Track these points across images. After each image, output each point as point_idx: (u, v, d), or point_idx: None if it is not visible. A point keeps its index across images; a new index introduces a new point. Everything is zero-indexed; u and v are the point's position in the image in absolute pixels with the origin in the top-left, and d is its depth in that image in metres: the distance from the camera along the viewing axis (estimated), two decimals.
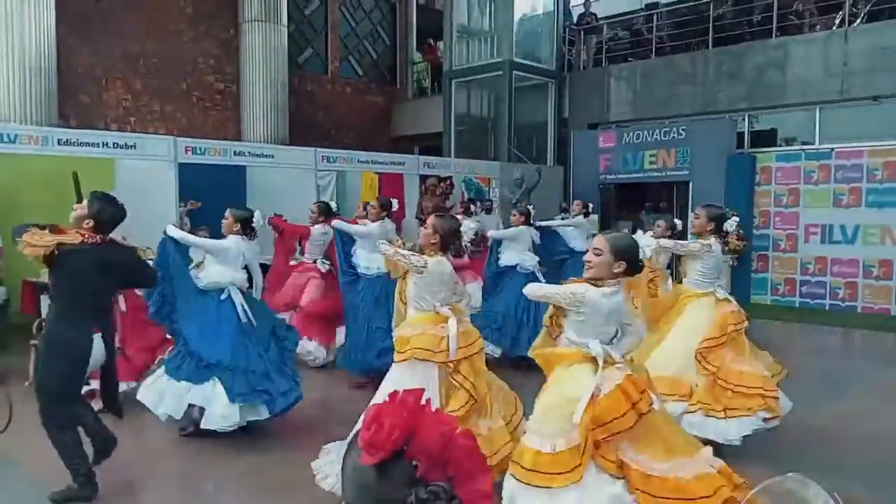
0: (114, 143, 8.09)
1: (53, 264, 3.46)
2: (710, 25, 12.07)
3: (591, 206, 8.97)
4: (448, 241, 3.70)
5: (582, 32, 14.29)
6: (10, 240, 5.91)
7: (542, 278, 6.39)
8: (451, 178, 11.79)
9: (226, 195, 9.25)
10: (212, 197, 8.81)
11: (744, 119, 11.69)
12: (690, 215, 5.06)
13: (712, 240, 4.57)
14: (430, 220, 3.78)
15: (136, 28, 12.28)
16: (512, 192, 11.67)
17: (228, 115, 13.50)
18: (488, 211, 10.99)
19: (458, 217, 5.08)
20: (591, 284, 2.91)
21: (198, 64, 13.27)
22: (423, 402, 0.98)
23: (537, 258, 6.93)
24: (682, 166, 11.25)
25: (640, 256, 3.00)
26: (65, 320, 3.51)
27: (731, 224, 5.30)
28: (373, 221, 6.23)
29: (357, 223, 6.75)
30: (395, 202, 6.78)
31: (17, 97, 9.47)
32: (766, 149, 11.21)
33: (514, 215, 7.07)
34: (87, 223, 3.54)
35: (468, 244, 7.24)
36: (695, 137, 11.11)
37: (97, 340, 3.54)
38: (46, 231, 3.45)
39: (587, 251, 3.05)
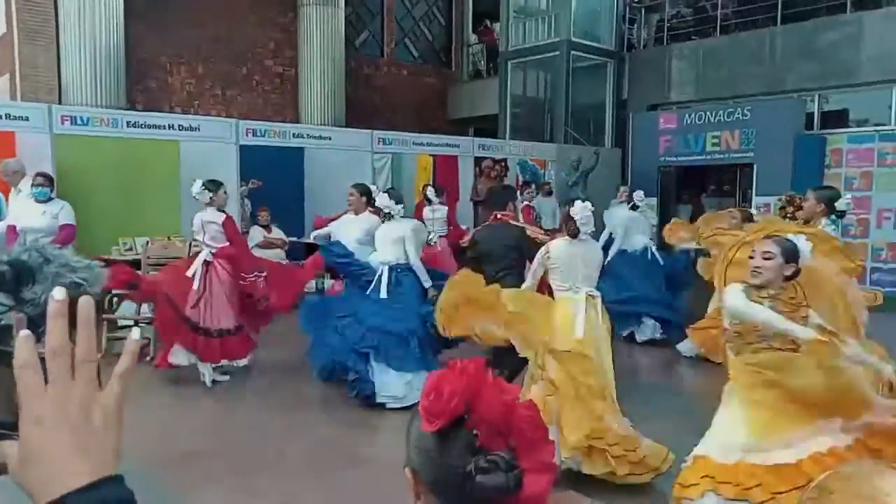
0: (179, 126, 8.33)
1: None
2: (779, 1, 11.56)
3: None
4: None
5: (643, 10, 13.91)
6: (84, 218, 6.17)
7: None
8: (505, 160, 11.70)
9: (285, 176, 9.52)
10: (271, 178, 9.03)
11: (813, 99, 11.18)
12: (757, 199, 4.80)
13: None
14: None
15: (199, 15, 12.56)
16: (568, 175, 11.51)
17: (287, 98, 13.71)
18: (548, 193, 10.85)
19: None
20: None
21: (257, 48, 13.50)
22: (484, 369, 0.97)
23: None
24: (746, 148, 10.84)
25: None
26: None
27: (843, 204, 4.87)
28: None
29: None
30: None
31: (88, 82, 9.87)
32: (837, 130, 10.70)
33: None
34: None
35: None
36: (760, 118, 10.68)
37: None
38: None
39: None
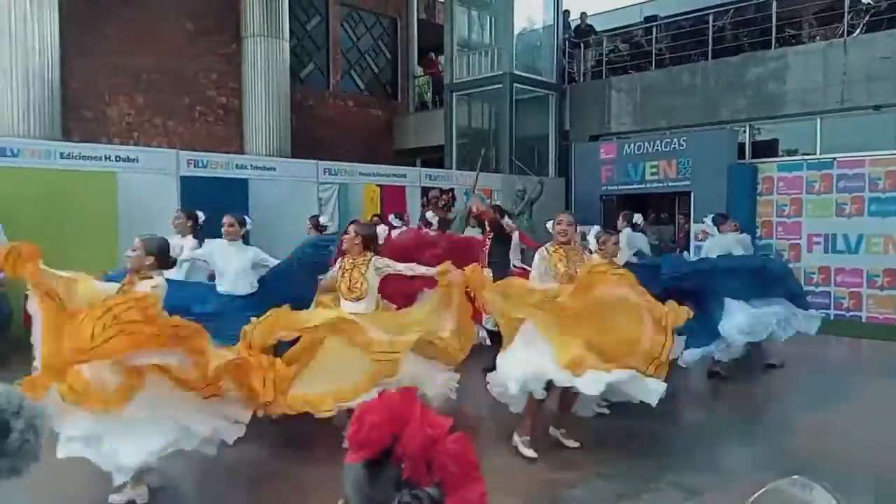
0: (116, 157, 8.12)
1: None
2: (710, 37, 12.12)
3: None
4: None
5: (581, 45, 14.35)
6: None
7: None
8: (452, 190, 11.79)
9: (229, 208, 9.32)
10: (215, 210, 8.84)
11: (745, 130, 11.68)
12: (695, 226, 4.90)
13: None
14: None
15: (137, 44, 12.36)
16: (514, 204, 11.65)
17: (231, 129, 13.55)
18: None
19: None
20: None
21: (200, 79, 13.34)
22: (413, 400, 0.96)
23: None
24: (683, 177, 11.23)
25: None
26: None
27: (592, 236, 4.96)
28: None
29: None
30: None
31: (20, 112, 9.54)
32: (767, 159, 11.19)
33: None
34: None
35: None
36: (695, 148, 11.10)
37: None
38: None
39: None
